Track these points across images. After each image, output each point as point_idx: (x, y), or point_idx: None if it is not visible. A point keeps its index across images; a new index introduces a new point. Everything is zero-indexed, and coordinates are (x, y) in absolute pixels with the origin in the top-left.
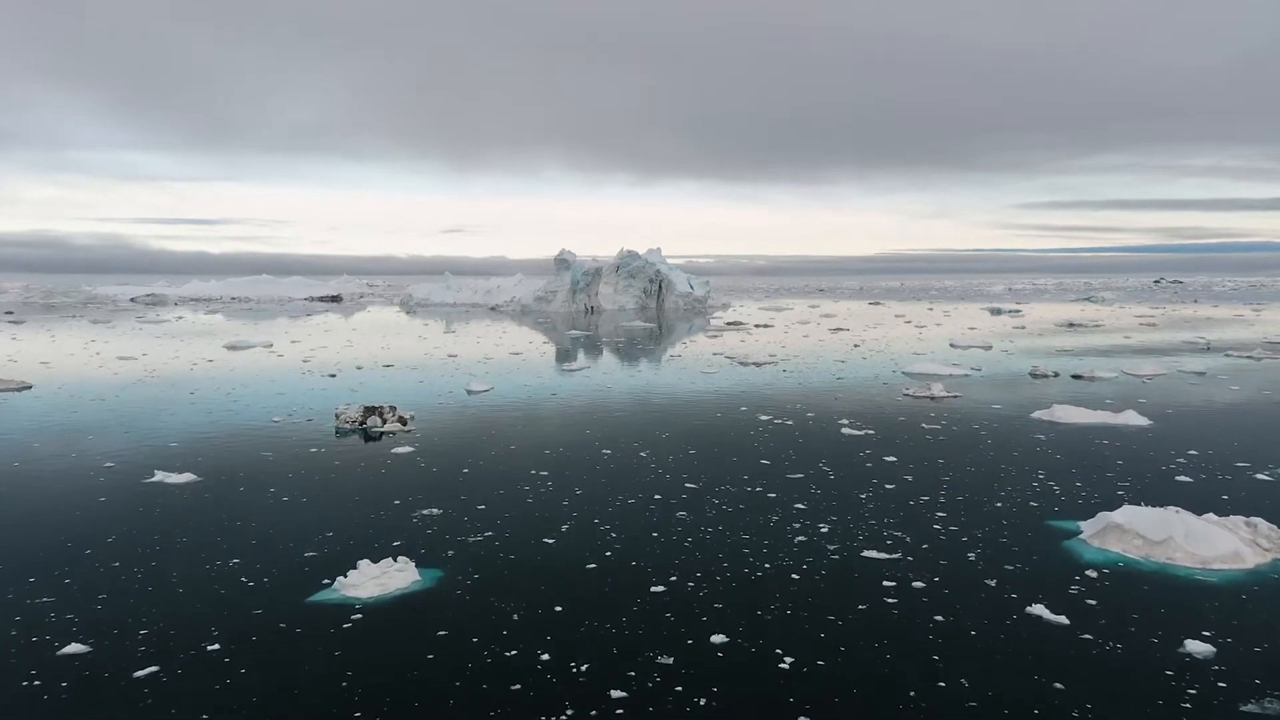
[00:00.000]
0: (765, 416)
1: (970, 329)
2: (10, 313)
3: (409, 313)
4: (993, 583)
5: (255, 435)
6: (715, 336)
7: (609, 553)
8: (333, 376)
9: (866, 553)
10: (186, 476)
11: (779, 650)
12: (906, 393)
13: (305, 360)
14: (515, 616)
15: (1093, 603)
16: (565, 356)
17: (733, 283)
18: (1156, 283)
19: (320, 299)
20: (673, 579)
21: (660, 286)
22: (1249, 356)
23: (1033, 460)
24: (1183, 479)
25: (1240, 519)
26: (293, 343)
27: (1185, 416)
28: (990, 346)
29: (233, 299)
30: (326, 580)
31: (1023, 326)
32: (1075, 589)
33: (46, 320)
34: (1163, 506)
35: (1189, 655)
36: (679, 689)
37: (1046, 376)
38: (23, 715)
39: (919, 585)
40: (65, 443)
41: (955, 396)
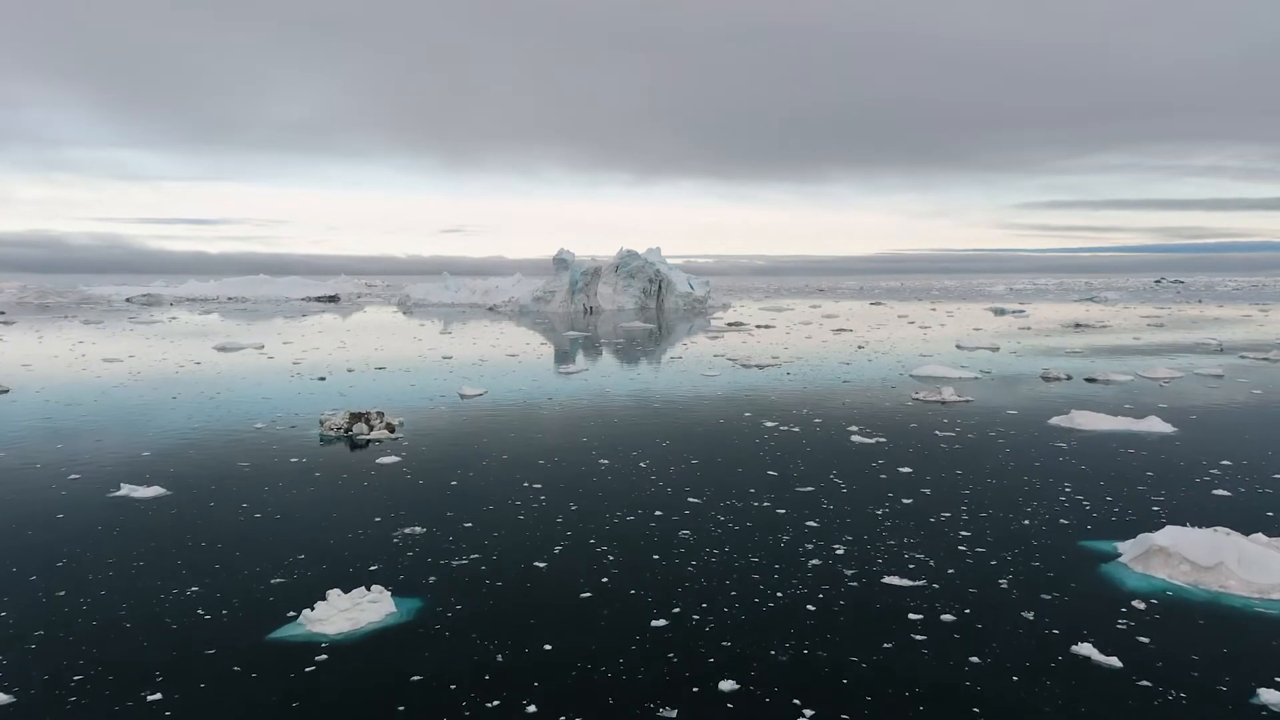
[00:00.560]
0: (770, 423)
1: (975, 330)
2: (2, 313)
3: (406, 313)
4: (1030, 615)
5: (234, 443)
6: (716, 337)
7: (605, 579)
8: (322, 379)
9: (888, 579)
10: (154, 490)
11: (796, 700)
12: (916, 396)
13: (296, 362)
14: (499, 657)
15: (1144, 640)
16: (562, 358)
17: (732, 282)
18: (1157, 283)
19: (317, 299)
20: (675, 611)
21: (660, 286)
22: (1265, 358)
23: (1056, 471)
24: (1220, 493)
25: None
26: (285, 344)
27: (1210, 423)
28: (998, 348)
29: (229, 299)
30: (292, 613)
31: (1028, 327)
32: (1123, 624)
33: (38, 321)
34: (1206, 525)
35: (1265, 708)
36: None
37: (1059, 379)
38: None
39: (948, 619)
40: (31, 451)
41: (967, 401)
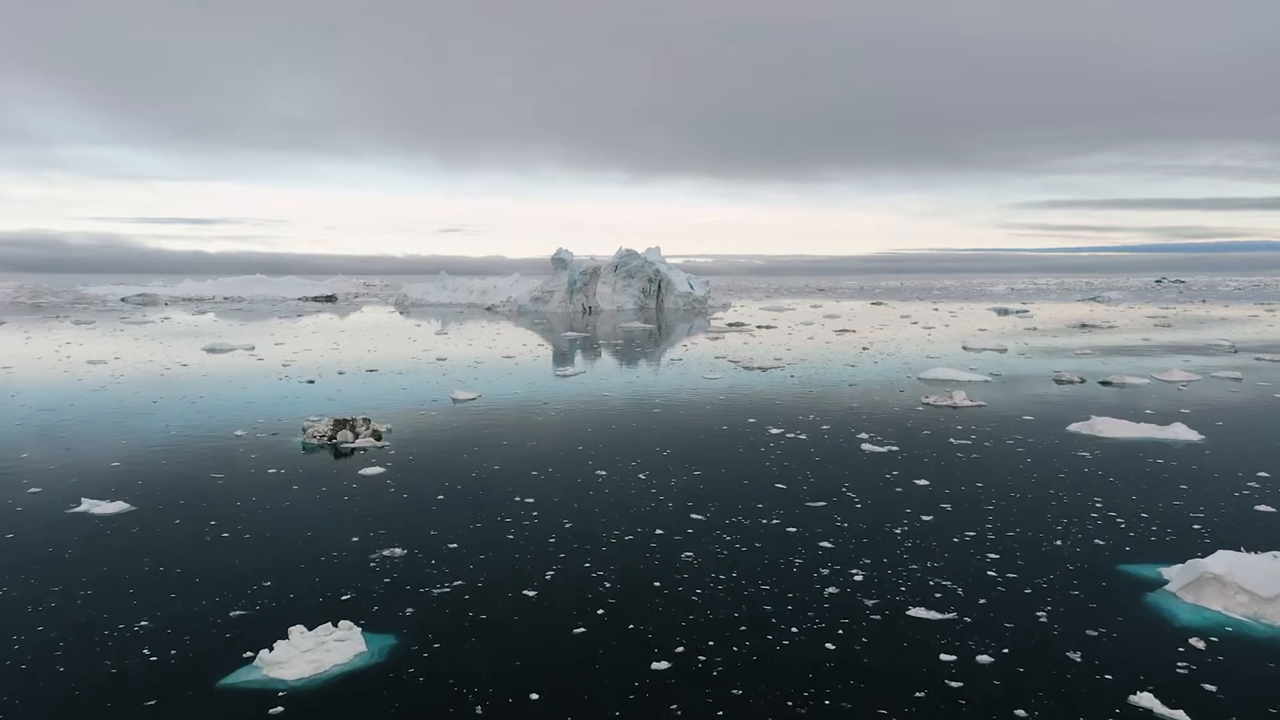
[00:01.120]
0: (775, 430)
1: (980, 330)
2: None
3: (403, 313)
4: (1076, 656)
5: (210, 452)
6: (717, 338)
7: (601, 610)
8: (311, 383)
9: (913, 611)
10: (117, 506)
11: None
12: (926, 401)
13: (285, 364)
14: (479, 709)
15: (1211, 689)
16: (560, 360)
17: (731, 282)
18: (1158, 282)
19: (314, 299)
20: (678, 650)
21: (659, 286)
22: None
23: (1083, 484)
24: (1264, 509)
25: None
26: (276, 345)
27: (1239, 430)
28: (1005, 349)
29: (225, 299)
30: (249, 653)
31: (1034, 328)
32: (1183, 667)
33: (29, 321)
34: (1252, 546)
35: None
36: None
37: (1072, 382)
38: None
39: (985, 660)
40: None
41: (979, 405)
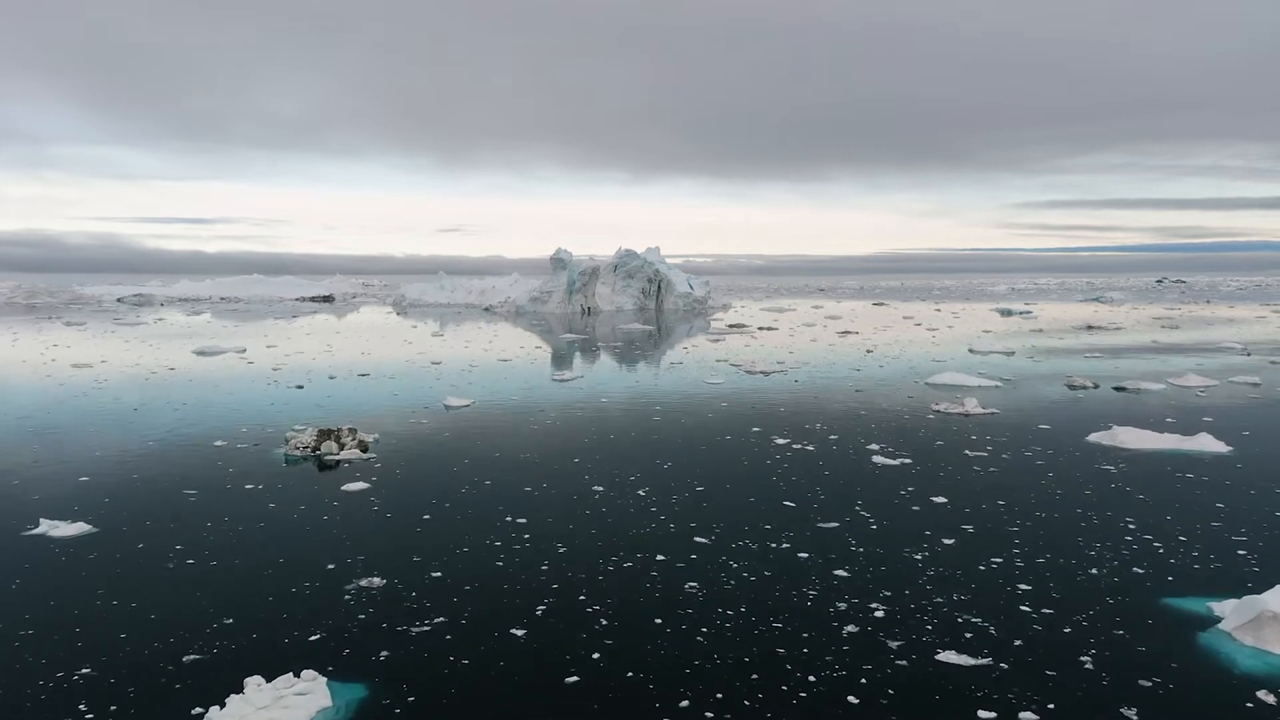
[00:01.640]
0: (781, 439)
1: (985, 332)
2: None
3: (400, 314)
4: (1132, 714)
5: (186, 465)
6: (718, 340)
7: (597, 654)
8: (300, 388)
9: (943, 655)
10: (78, 528)
11: None
12: (936, 408)
13: (275, 368)
14: None
15: None
16: (557, 364)
17: (731, 282)
18: (1159, 282)
19: (311, 299)
20: (684, 705)
21: (659, 287)
22: None
23: (1112, 501)
24: None
25: None
26: (268, 347)
27: (1267, 440)
28: (1012, 352)
29: (222, 299)
30: (198, 709)
31: (1040, 329)
32: None
33: (20, 322)
34: None
35: None
36: None
37: (1086, 388)
38: None
39: (1030, 718)
40: None
41: (992, 413)
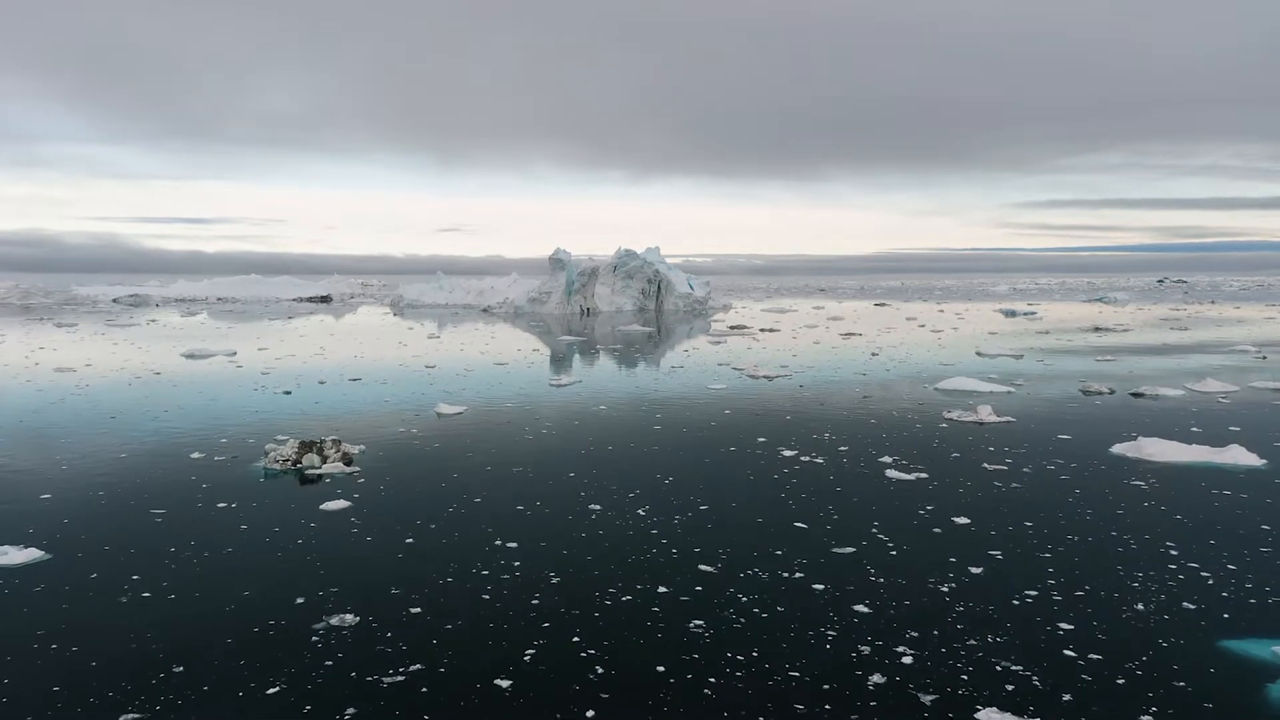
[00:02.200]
0: (789, 451)
1: (990, 334)
2: None
3: (398, 314)
4: None
5: (157, 480)
6: (719, 342)
7: (591, 713)
8: (288, 394)
9: (984, 713)
10: (29, 554)
11: None
12: (949, 416)
13: (264, 373)
14: None
15: None
16: (554, 368)
17: (731, 282)
18: (1160, 282)
19: (309, 300)
20: None
21: (659, 287)
22: None
23: (1148, 523)
24: None
25: None
26: (260, 350)
27: None
28: (1021, 355)
29: (218, 300)
30: None
31: (1046, 331)
32: None
33: (11, 323)
34: None
35: None
36: None
37: (1102, 394)
38: None
39: None
40: None
41: (1008, 422)
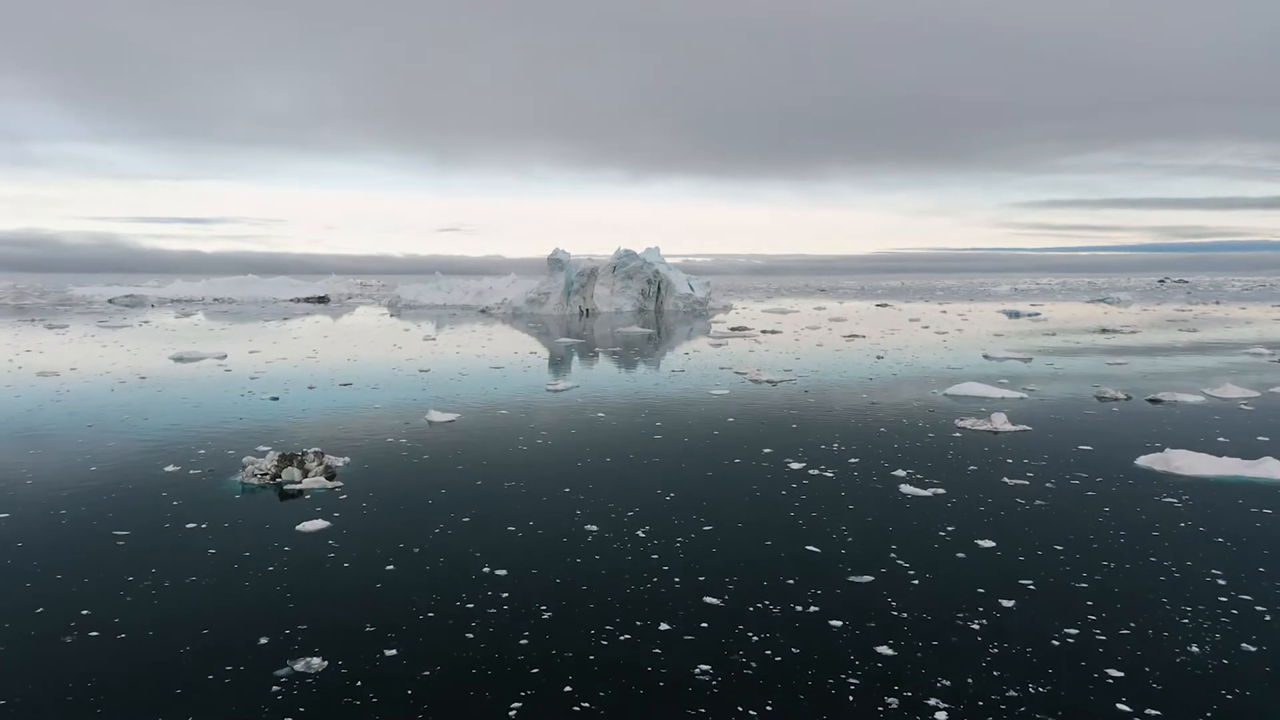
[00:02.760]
0: (796, 464)
1: (996, 335)
2: None
3: (395, 315)
4: None
5: (125, 499)
6: (720, 345)
7: None
8: (275, 400)
9: None
10: None
11: None
12: (961, 425)
13: (253, 377)
14: None
15: None
16: (552, 372)
17: (731, 282)
18: (1161, 282)
19: (306, 300)
20: None
21: (659, 288)
22: None
23: (1188, 547)
24: None
25: None
26: (251, 353)
27: None
28: (1030, 358)
29: (215, 300)
30: None
31: (1052, 333)
32: None
33: (2, 324)
34: None
35: None
36: None
37: (1118, 399)
38: None
39: None
40: None
41: (1024, 431)
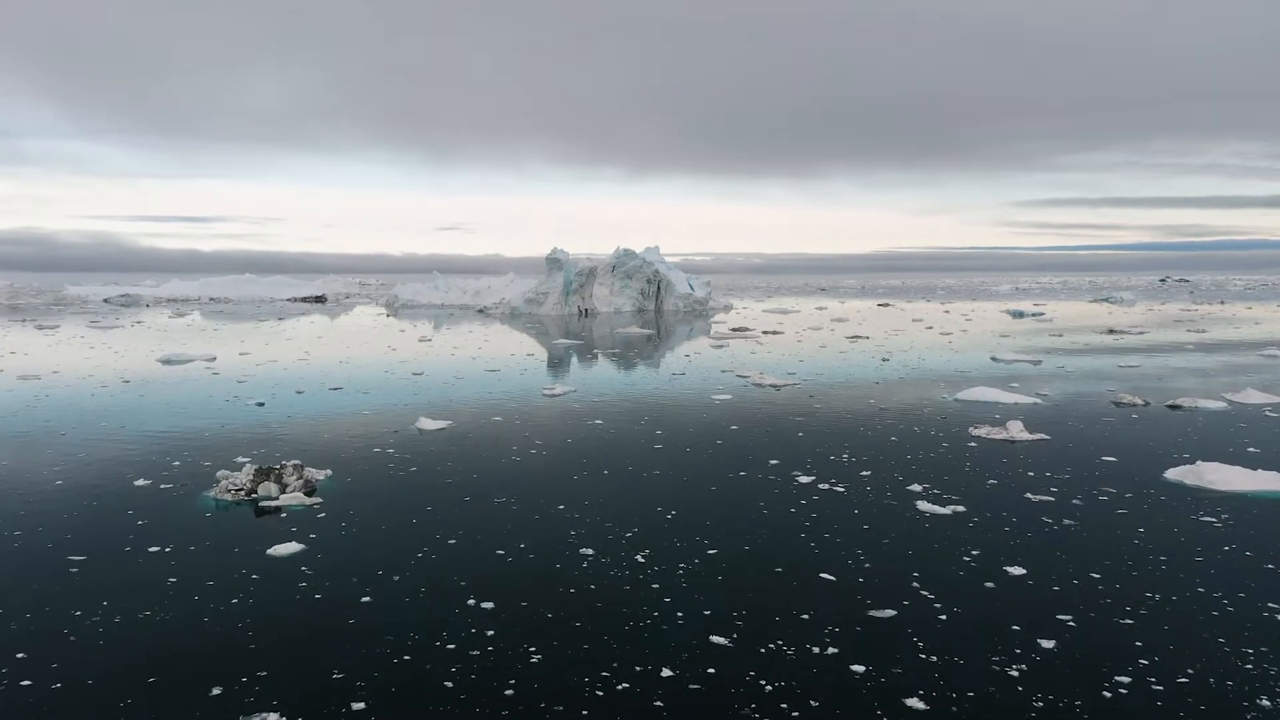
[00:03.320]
0: (806, 477)
1: (1001, 336)
2: None
3: (392, 315)
4: None
5: (87, 517)
6: (721, 346)
7: None
8: (261, 405)
9: None
10: None
11: None
12: (976, 433)
13: (241, 380)
14: None
15: None
16: (550, 374)
17: (730, 281)
18: (1162, 281)
19: (303, 299)
20: None
21: (659, 287)
22: None
23: (1237, 574)
24: None
25: None
26: (241, 355)
27: None
28: (1039, 360)
29: (211, 300)
30: None
31: (1058, 333)
32: None
33: None
34: None
35: None
36: None
37: (1136, 405)
38: None
39: None
40: None
41: (1042, 440)
